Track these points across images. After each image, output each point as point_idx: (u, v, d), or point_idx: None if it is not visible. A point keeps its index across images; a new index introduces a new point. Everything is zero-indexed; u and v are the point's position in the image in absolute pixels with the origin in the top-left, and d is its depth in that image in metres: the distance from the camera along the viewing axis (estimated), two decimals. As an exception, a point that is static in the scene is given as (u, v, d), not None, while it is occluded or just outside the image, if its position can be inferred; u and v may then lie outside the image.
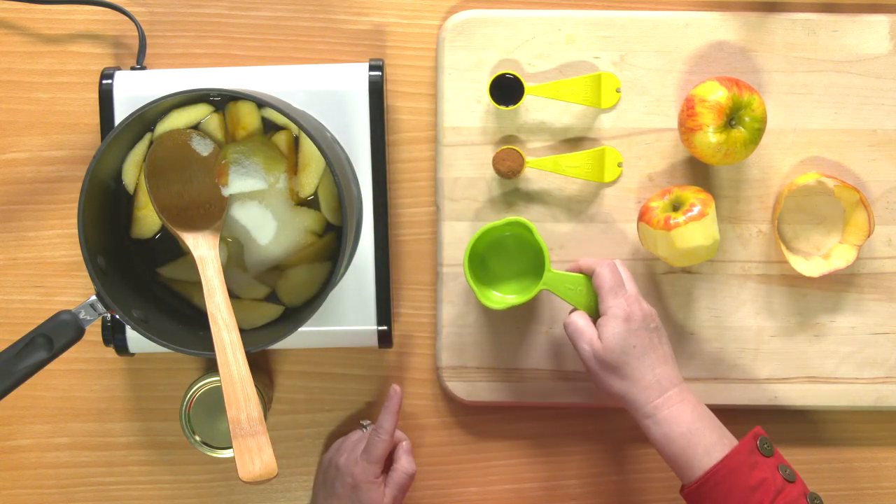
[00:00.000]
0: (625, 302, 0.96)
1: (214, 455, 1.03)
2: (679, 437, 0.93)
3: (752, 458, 0.91)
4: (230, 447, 1.01)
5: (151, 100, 0.90)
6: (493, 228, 1.01)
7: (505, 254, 1.05)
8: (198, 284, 0.94)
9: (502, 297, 1.03)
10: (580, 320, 0.98)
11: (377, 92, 1.02)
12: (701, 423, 0.94)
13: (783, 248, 1.05)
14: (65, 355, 0.89)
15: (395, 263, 1.09)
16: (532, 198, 1.06)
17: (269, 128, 1.00)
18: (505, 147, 1.05)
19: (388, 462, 1.02)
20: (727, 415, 1.08)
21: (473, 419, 1.11)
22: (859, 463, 1.10)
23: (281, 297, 1.00)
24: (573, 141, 1.06)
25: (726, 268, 1.07)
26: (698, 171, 1.06)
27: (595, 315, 0.99)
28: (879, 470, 1.11)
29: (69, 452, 1.10)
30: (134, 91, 1.02)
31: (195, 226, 0.96)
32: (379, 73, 1.02)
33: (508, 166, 1.04)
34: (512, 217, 1.01)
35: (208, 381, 1.03)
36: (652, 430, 0.94)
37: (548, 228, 1.06)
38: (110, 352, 1.05)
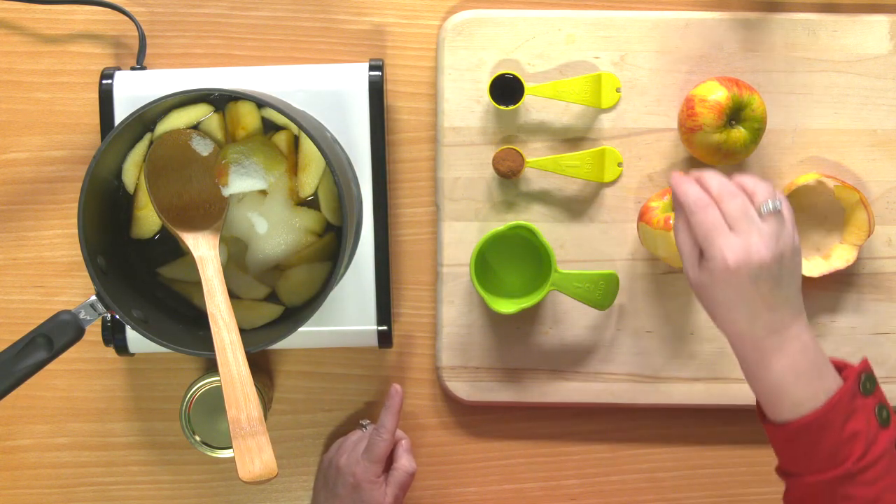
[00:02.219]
0: (728, 258, 0.82)
1: (214, 455, 1.03)
2: (766, 387, 0.84)
3: (852, 404, 0.82)
4: (230, 447, 1.01)
5: (151, 100, 0.90)
6: (497, 233, 1.01)
7: (508, 255, 1.05)
8: (198, 284, 0.94)
9: (512, 301, 1.03)
10: (684, 245, 0.86)
11: (377, 92, 1.02)
12: (795, 377, 0.83)
13: (783, 248, 1.05)
14: (65, 355, 0.89)
15: (395, 263, 1.09)
16: (532, 198, 1.06)
17: (269, 128, 1.00)
18: (505, 147, 1.05)
19: (388, 461, 1.02)
20: (728, 415, 1.09)
21: (473, 419, 1.11)
22: (859, 463, 1.10)
23: (281, 297, 1.00)
24: (573, 141, 1.06)
25: (726, 268, 1.07)
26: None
27: (604, 308, 1.02)
28: (879, 470, 1.10)
29: (69, 452, 1.10)
30: (134, 91, 1.02)
31: (195, 226, 0.96)
32: (379, 73, 1.02)
33: (508, 166, 1.04)
34: (515, 221, 1.01)
35: (208, 381, 1.03)
36: (743, 369, 0.86)
37: (548, 228, 1.06)
38: (110, 352, 1.05)
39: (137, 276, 1.00)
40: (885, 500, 0.82)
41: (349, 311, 1.03)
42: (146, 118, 0.96)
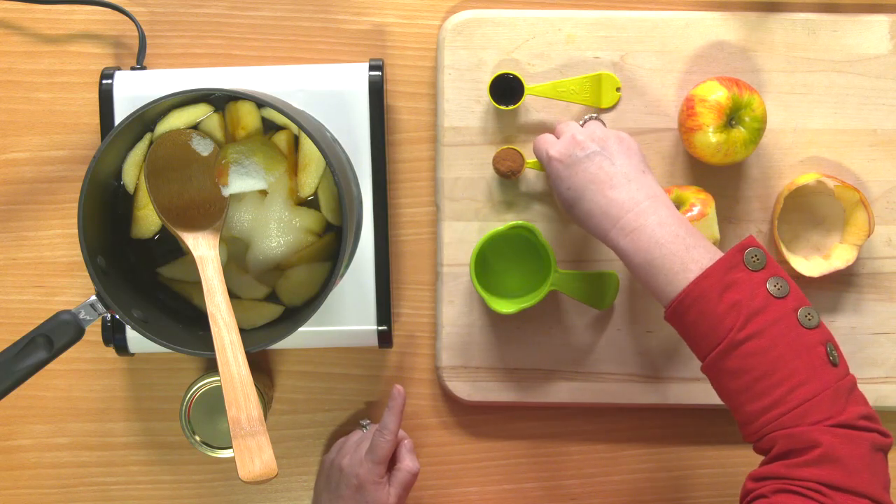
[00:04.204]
0: (549, 151, 0.94)
1: (214, 455, 1.03)
2: (638, 269, 0.88)
3: (729, 276, 0.84)
4: (230, 447, 1.01)
5: (151, 100, 0.90)
6: (497, 233, 1.01)
7: (508, 255, 1.05)
8: (198, 284, 0.94)
9: (512, 301, 1.03)
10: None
11: (377, 92, 1.02)
12: (659, 250, 0.87)
13: (783, 248, 1.05)
14: (65, 355, 0.89)
15: (395, 263, 1.09)
16: (532, 198, 1.06)
17: (269, 128, 1.00)
18: (505, 147, 1.05)
19: (391, 461, 1.02)
20: (728, 415, 1.09)
21: (473, 419, 1.11)
22: (859, 463, 1.10)
23: (281, 297, 1.00)
24: (573, 141, 1.06)
25: (726, 268, 1.07)
26: (698, 171, 1.06)
27: (604, 308, 1.02)
28: (879, 470, 1.10)
29: (69, 452, 1.10)
30: (134, 91, 1.02)
31: (195, 226, 0.96)
32: (379, 73, 1.02)
33: (508, 166, 1.04)
34: (515, 221, 1.01)
35: (208, 381, 1.03)
36: (630, 269, 0.90)
37: (548, 228, 1.06)
38: (110, 352, 1.05)
39: (137, 276, 1.00)
40: (783, 360, 0.82)
41: (349, 311, 1.03)
42: (146, 118, 0.96)
